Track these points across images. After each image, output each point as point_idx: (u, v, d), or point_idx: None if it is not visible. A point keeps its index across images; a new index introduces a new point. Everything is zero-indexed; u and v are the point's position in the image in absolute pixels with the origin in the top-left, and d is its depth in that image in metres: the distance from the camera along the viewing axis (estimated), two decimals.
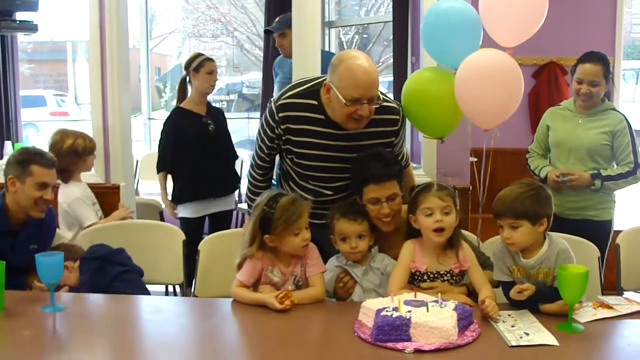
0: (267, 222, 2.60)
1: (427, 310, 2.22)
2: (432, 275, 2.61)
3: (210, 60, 4.56)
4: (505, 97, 2.94)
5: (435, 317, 2.17)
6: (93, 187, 4.14)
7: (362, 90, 2.71)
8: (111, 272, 2.96)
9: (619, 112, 3.69)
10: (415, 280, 2.62)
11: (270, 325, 2.40)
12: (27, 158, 3.00)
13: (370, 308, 2.27)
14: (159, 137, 4.64)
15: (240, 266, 2.67)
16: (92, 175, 4.36)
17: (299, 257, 2.66)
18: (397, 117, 2.98)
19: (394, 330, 2.15)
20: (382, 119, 2.92)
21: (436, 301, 2.29)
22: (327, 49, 6.74)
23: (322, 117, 2.88)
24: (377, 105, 2.78)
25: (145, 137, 8.54)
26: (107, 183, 4.35)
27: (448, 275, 2.62)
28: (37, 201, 2.98)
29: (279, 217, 2.58)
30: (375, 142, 2.92)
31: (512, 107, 2.97)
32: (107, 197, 4.25)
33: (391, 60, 6.16)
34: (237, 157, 4.85)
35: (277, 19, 5.12)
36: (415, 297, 2.35)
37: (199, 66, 4.48)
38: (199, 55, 4.59)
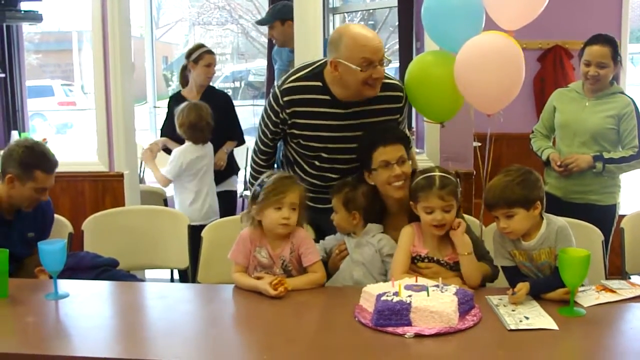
0: (257, 193, 2.63)
1: (428, 295, 2.21)
2: (432, 260, 2.60)
3: (210, 53, 4.61)
4: (505, 81, 2.89)
5: (435, 302, 2.17)
6: (96, 175, 4.16)
7: (373, 50, 2.74)
8: (87, 278, 2.90)
9: (627, 95, 3.65)
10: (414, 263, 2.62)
11: (271, 311, 2.40)
12: (33, 162, 2.96)
13: (371, 293, 2.27)
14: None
15: None
16: (95, 163, 4.38)
17: (287, 241, 2.65)
18: (401, 94, 3.00)
19: (394, 314, 2.15)
20: (387, 95, 2.94)
21: (437, 286, 2.29)
22: None
23: (327, 97, 2.89)
24: (387, 64, 2.81)
25: (150, 126, 8.54)
26: (110, 171, 4.36)
27: (448, 262, 2.60)
28: (32, 201, 3.00)
29: (267, 187, 2.61)
30: (381, 119, 2.93)
31: (513, 91, 2.93)
32: (110, 185, 4.27)
33: (397, 46, 6.13)
34: (240, 142, 4.87)
35: (267, 11, 5.17)
36: (417, 281, 2.35)
37: (198, 58, 4.57)
38: (200, 47, 4.66)
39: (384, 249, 2.71)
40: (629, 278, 3.01)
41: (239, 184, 5.19)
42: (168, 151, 4.42)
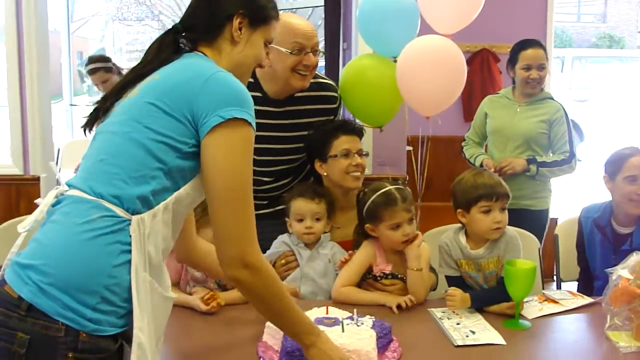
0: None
1: (343, 331, 1.93)
2: (396, 277, 2.49)
3: (99, 70, 4.84)
4: (449, 83, 2.91)
5: (352, 339, 1.89)
6: (10, 178, 3.92)
7: (306, 36, 2.67)
8: None
9: (556, 101, 3.69)
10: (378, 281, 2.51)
11: (203, 327, 2.25)
12: None
13: (277, 329, 1.89)
14: None
15: None
16: (9, 165, 4.12)
17: None
18: (335, 94, 2.93)
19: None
20: (321, 95, 2.86)
21: (351, 318, 2.03)
22: None
23: (259, 94, 2.77)
24: (321, 56, 2.74)
25: (67, 124, 8.20)
26: (25, 174, 4.09)
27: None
28: None
29: (197, 206, 2.42)
30: (315, 120, 2.84)
31: (455, 92, 2.93)
32: (25, 190, 4.02)
33: (321, 46, 6.06)
34: None
35: None
36: (327, 313, 2.08)
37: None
38: (92, 62, 4.90)
39: (336, 255, 2.59)
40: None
41: None
42: None
